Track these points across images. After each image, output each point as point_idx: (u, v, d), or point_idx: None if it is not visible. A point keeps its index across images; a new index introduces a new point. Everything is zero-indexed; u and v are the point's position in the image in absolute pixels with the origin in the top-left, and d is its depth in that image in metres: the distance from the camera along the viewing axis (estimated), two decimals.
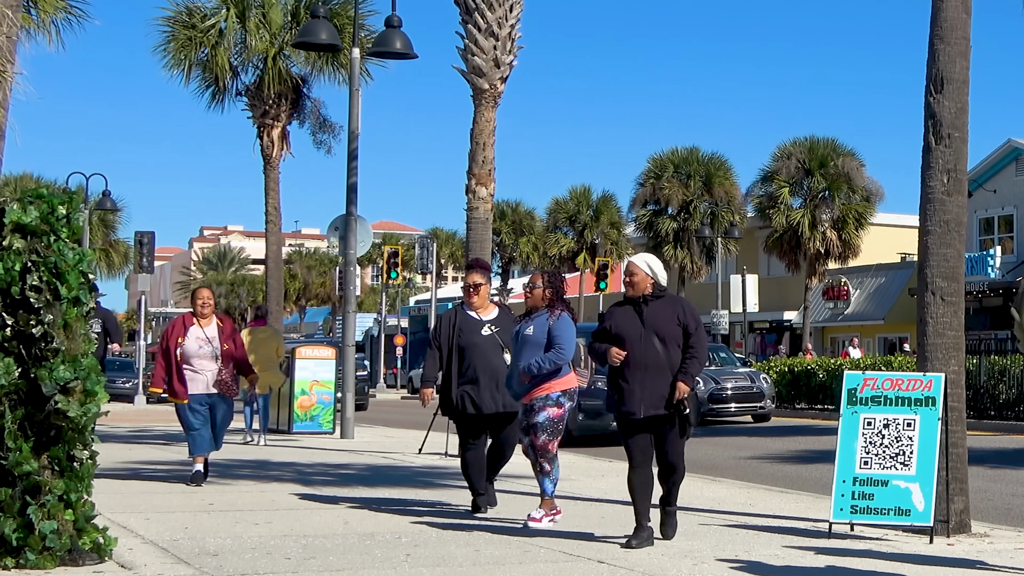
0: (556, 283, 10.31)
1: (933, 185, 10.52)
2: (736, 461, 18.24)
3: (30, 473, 7.69)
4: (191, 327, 12.90)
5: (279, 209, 28.16)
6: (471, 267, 11.34)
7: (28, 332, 7.83)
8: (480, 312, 10.97)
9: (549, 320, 10.06)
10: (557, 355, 9.99)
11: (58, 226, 8.02)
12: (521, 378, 10.03)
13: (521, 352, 10.07)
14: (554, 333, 10.02)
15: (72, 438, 7.85)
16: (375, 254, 68.88)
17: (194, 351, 12.78)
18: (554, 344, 10.00)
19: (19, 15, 10.20)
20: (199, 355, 12.78)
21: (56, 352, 7.86)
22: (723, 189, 53.74)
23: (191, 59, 27.66)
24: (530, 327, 10.11)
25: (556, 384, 10.07)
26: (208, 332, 12.92)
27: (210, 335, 12.90)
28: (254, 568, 8.09)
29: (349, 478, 14.29)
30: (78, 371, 7.86)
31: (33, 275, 7.88)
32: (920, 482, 9.78)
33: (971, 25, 10.66)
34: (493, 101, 17.02)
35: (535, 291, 10.25)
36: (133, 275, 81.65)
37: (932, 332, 10.42)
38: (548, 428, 9.99)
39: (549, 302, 10.17)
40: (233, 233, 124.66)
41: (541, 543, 9.28)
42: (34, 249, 7.94)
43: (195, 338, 12.83)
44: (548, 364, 9.97)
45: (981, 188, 45.96)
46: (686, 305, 9.42)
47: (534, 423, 10.02)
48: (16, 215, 7.93)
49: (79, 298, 8.02)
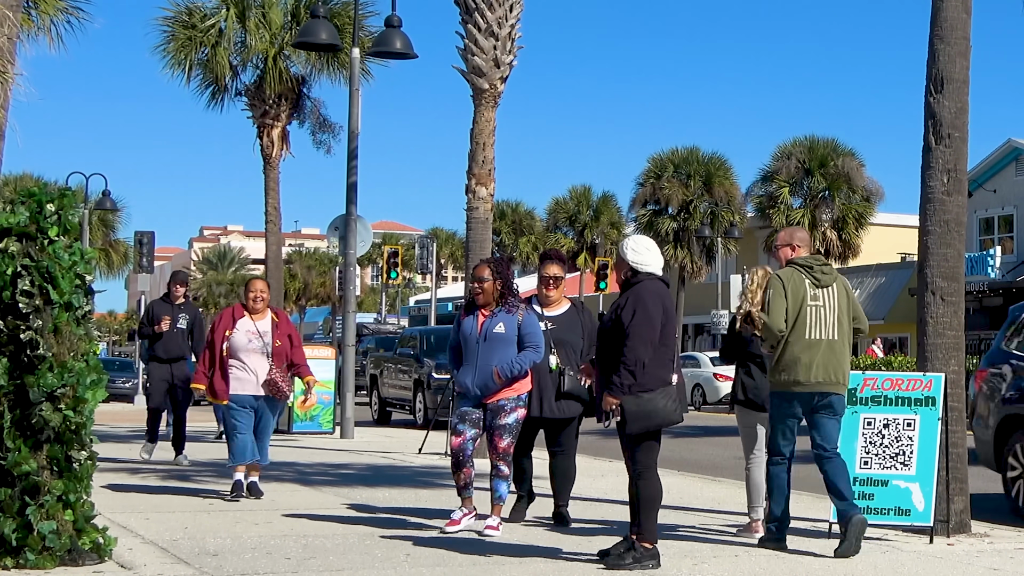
0: (503, 271, 9.88)
1: (933, 185, 10.52)
2: (736, 461, 18.20)
3: (29, 473, 7.68)
4: (241, 319, 11.64)
5: (279, 209, 28.15)
6: (549, 258, 10.54)
7: (17, 337, 7.80)
8: (550, 308, 10.38)
9: (518, 317, 9.72)
10: (534, 354, 9.69)
11: (46, 225, 7.91)
12: (496, 379, 9.63)
13: (492, 351, 9.66)
14: (526, 331, 9.70)
15: (70, 439, 7.84)
16: (375, 254, 68.93)
17: (242, 345, 11.52)
18: (528, 343, 9.69)
19: (19, 16, 10.19)
20: (248, 350, 11.51)
21: (42, 359, 7.77)
22: (723, 189, 53.73)
23: (191, 59, 27.63)
24: (499, 324, 9.70)
25: (524, 385, 9.78)
26: (260, 326, 11.64)
27: (262, 329, 11.62)
28: (254, 568, 8.09)
29: (349, 478, 14.29)
30: (66, 377, 7.76)
31: (24, 279, 7.81)
32: (920, 482, 9.79)
33: (971, 25, 10.67)
34: (493, 101, 17.01)
35: (486, 285, 9.77)
36: (133, 275, 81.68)
37: (932, 332, 10.43)
38: (514, 430, 9.71)
39: (500, 294, 9.77)
40: (233, 233, 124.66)
41: (541, 543, 9.28)
42: (27, 252, 7.87)
43: (244, 331, 11.56)
44: (528, 364, 9.68)
45: (981, 188, 45.94)
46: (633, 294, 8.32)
47: (502, 424, 9.66)
48: (2, 218, 7.85)
49: (72, 302, 7.93)
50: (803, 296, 9.02)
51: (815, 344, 8.98)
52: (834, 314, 9.07)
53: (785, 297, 8.99)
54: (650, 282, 8.32)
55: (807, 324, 8.99)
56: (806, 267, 9.15)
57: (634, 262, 8.35)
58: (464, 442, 9.71)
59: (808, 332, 8.98)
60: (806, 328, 8.99)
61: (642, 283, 8.31)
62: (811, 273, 9.10)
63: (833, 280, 9.14)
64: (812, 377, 8.96)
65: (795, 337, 8.98)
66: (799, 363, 8.94)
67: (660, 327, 8.17)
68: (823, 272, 9.15)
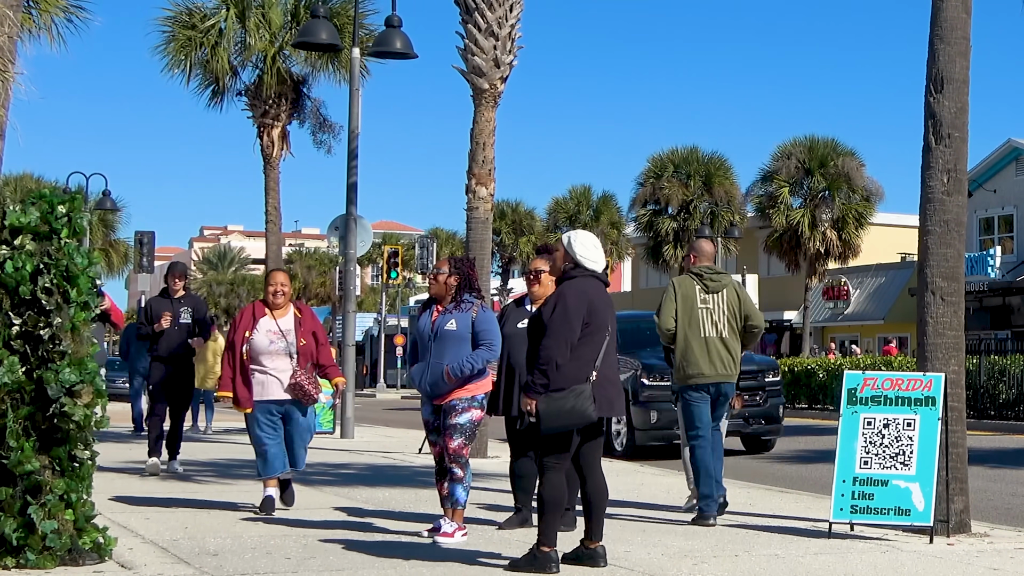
0: (464, 270, 9.47)
1: (933, 185, 10.52)
2: (736, 461, 18.23)
3: (31, 472, 7.71)
4: (261, 318, 10.68)
5: (279, 209, 28.15)
6: (536, 252, 10.19)
7: (36, 333, 7.87)
8: (538, 304, 9.78)
9: (472, 313, 9.32)
10: (488, 352, 9.28)
11: (57, 226, 8.03)
12: (447, 379, 9.23)
13: (444, 349, 9.28)
14: (481, 328, 9.28)
15: (75, 438, 7.87)
16: (375, 254, 68.81)
17: (263, 347, 10.55)
18: (482, 341, 9.27)
19: (20, 15, 10.19)
20: (269, 352, 10.56)
21: (63, 355, 7.88)
22: (723, 189, 53.73)
23: (191, 59, 27.63)
24: (451, 321, 9.31)
25: (481, 385, 9.39)
26: (282, 324, 10.68)
27: (284, 328, 10.66)
28: (254, 568, 8.10)
29: (349, 478, 14.29)
30: (83, 374, 7.87)
31: (45, 277, 7.93)
32: (920, 482, 9.78)
33: (971, 25, 10.67)
34: (493, 101, 17.02)
35: (439, 277, 9.42)
36: (133, 275, 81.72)
37: (932, 332, 10.42)
38: (468, 431, 9.30)
39: (456, 290, 9.40)
40: (233, 233, 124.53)
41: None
42: (46, 251, 8.01)
43: (265, 331, 10.61)
44: (480, 363, 9.26)
45: (981, 188, 45.97)
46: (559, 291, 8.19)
47: (452, 424, 9.26)
48: (14, 217, 7.95)
49: (87, 303, 8.08)
50: (693, 300, 10.49)
51: (710, 341, 10.46)
52: (723, 315, 10.51)
53: (675, 300, 10.48)
54: (582, 280, 8.13)
55: (700, 324, 10.45)
56: (698, 275, 10.59)
57: (581, 255, 8.18)
58: (441, 451, 9.45)
59: (703, 331, 10.46)
60: (700, 327, 10.45)
61: (573, 280, 8.14)
62: (702, 280, 10.54)
63: (723, 287, 10.55)
64: (709, 369, 10.43)
65: (693, 335, 10.46)
66: (698, 358, 10.42)
67: (581, 326, 7.96)
68: (712, 279, 10.56)
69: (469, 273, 9.49)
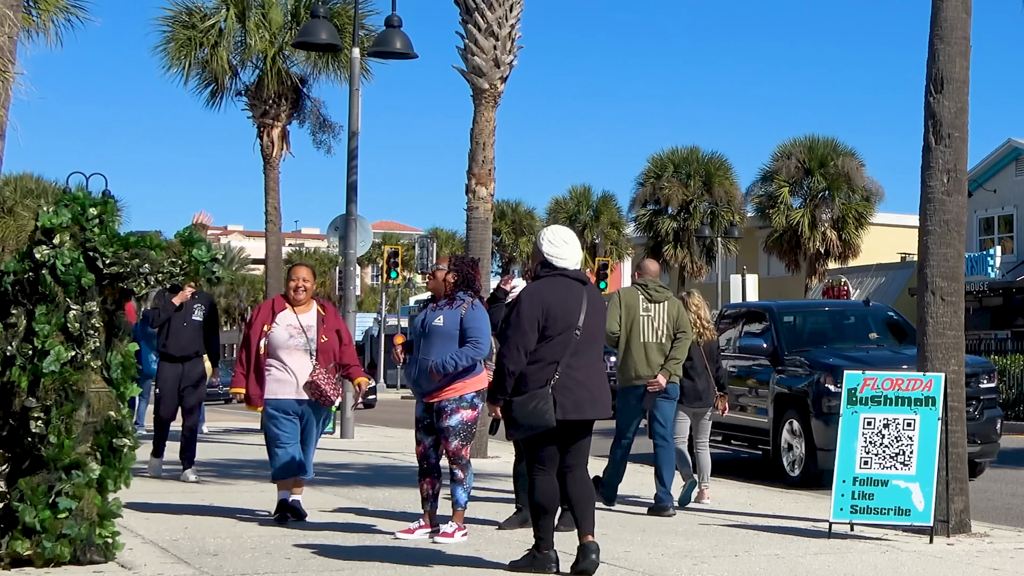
0: (463, 269, 9.37)
1: (933, 185, 10.52)
2: (735, 460, 18.22)
3: (71, 467, 7.83)
4: (281, 312, 10.23)
5: (279, 209, 28.13)
6: None
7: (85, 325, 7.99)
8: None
9: (461, 310, 9.22)
10: (474, 350, 9.13)
11: (88, 227, 8.12)
12: (432, 376, 9.15)
13: (430, 346, 9.21)
14: (468, 325, 9.16)
15: (113, 427, 8.01)
16: (375, 254, 68.83)
17: (282, 342, 10.12)
18: (469, 338, 9.14)
19: (19, 15, 10.19)
20: (288, 347, 10.12)
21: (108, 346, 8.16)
22: (723, 189, 53.72)
23: (191, 59, 27.61)
24: (439, 317, 9.25)
25: (470, 384, 9.25)
26: (304, 319, 10.23)
27: (305, 323, 10.21)
28: (254, 568, 8.10)
29: (349, 478, 14.29)
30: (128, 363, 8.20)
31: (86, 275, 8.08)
32: (920, 482, 9.79)
33: (971, 25, 10.67)
34: (493, 101, 17.02)
35: (438, 273, 9.37)
36: None
37: (932, 332, 10.43)
38: (461, 432, 9.21)
39: (452, 288, 9.32)
40: (233, 233, 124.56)
41: None
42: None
43: (285, 325, 10.16)
44: (465, 360, 9.10)
45: (981, 188, 45.95)
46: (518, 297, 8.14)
47: (445, 426, 9.21)
48: (46, 218, 8.08)
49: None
50: (636, 308, 11.31)
51: (648, 345, 11.27)
52: (663, 323, 11.36)
53: (620, 307, 11.31)
54: (546, 281, 7.93)
55: (641, 330, 11.26)
56: (643, 286, 11.50)
57: (548, 254, 7.97)
58: (425, 450, 9.46)
59: (642, 336, 11.26)
60: (640, 333, 11.25)
61: (537, 282, 7.97)
62: (646, 291, 11.43)
63: (665, 298, 11.44)
64: (646, 371, 11.21)
65: (634, 341, 11.25)
66: (637, 361, 11.21)
67: (538, 331, 7.75)
68: (655, 291, 11.45)
69: (469, 272, 9.42)
